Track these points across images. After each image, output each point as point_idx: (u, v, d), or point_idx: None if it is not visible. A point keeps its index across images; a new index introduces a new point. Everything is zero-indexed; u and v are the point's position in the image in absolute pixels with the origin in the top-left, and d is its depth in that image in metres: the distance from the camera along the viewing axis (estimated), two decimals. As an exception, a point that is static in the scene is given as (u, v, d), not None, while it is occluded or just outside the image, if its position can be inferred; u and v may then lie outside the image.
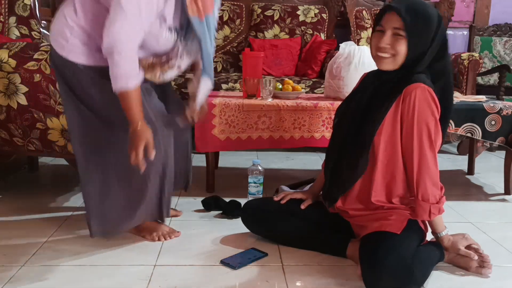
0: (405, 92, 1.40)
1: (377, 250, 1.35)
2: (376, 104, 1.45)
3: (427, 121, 1.40)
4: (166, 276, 1.44)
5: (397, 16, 1.36)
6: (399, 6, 1.36)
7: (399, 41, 1.38)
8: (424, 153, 1.41)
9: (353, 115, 1.52)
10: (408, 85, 1.40)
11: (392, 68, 1.43)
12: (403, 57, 1.40)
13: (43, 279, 1.40)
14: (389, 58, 1.41)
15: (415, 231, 1.47)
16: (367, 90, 1.52)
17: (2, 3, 2.30)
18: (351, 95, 1.61)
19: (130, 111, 1.42)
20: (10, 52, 1.84)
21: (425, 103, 1.39)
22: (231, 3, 3.63)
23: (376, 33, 1.43)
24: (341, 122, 1.57)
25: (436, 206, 1.43)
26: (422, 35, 1.38)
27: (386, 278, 1.31)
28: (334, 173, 1.56)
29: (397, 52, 1.39)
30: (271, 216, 1.66)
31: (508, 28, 4.03)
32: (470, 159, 2.80)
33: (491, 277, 1.49)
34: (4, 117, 1.91)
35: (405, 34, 1.37)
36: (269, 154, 3.08)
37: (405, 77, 1.43)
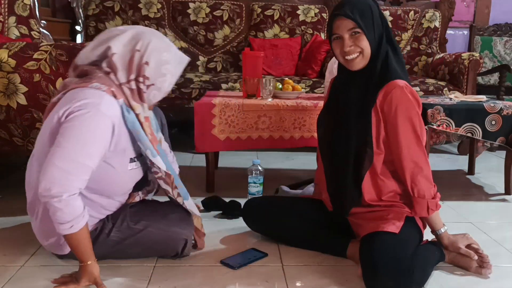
0: (384, 92, 1.44)
1: (377, 251, 1.35)
2: (361, 112, 1.47)
3: (410, 118, 1.43)
4: (166, 276, 1.44)
5: (346, 19, 1.42)
6: (344, 10, 1.43)
7: (359, 38, 1.43)
8: (415, 150, 1.44)
9: (338, 124, 1.53)
10: (385, 84, 1.44)
11: (364, 65, 1.47)
12: (369, 51, 1.45)
13: (43, 279, 1.40)
14: (358, 57, 1.45)
15: (413, 230, 1.47)
16: (347, 95, 1.52)
17: (2, 2, 2.30)
18: (331, 103, 1.61)
19: (77, 250, 1.29)
20: (10, 52, 1.84)
21: (405, 100, 1.42)
22: (231, 3, 3.63)
23: (335, 41, 1.48)
24: (328, 132, 1.58)
25: (433, 201, 1.46)
26: (373, 24, 1.45)
27: (386, 279, 1.31)
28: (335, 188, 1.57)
29: (362, 48, 1.44)
30: (272, 214, 1.67)
31: (508, 28, 4.03)
32: (470, 159, 2.80)
33: (491, 277, 1.49)
34: (4, 117, 1.91)
35: (361, 30, 1.42)
36: (269, 154, 3.08)
37: (380, 74, 1.46)
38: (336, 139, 1.53)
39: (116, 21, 3.49)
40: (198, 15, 3.57)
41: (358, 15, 1.41)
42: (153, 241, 1.46)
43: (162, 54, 1.34)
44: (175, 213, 1.51)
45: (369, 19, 1.43)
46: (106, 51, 1.32)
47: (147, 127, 1.37)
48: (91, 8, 3.49)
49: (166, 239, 1.47)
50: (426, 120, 2.17)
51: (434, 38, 3.77)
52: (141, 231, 1.44)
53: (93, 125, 1.24)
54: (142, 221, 1.45)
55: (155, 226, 1.46)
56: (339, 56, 1.48)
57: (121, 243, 1.44)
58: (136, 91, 1.35)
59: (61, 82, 1.38)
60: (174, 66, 1.38)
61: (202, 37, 3.58)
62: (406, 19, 3.74)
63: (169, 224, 1.47)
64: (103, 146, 1.27)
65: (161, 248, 1.49)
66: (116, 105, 1.30)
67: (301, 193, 1.93)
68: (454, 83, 3.26)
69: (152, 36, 1.35)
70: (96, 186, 1.34)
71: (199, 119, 2.11)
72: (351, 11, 1.42)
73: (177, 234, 1.47)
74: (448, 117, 2.18)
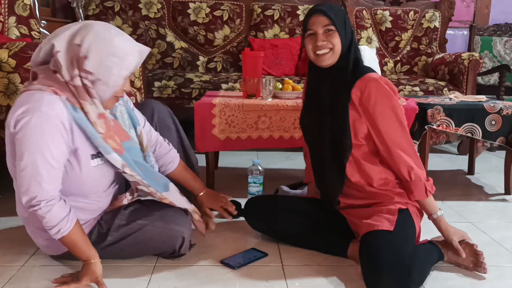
0: (360, 86, 1.48)
1: (376, 251, 1.35)
2: (337, 107, 1.52)
3: (392, 107, 1.48)
4: (166, 276, 1.44)
5: (323, 16, 1.49)
6: (322, 8, 1.51)
7: (332, 35, 1.50)
8: (400, 139, 1.49)
9: (317, 121, 1.58)
10: (358, 78, 1.49)
11: (333, 62, 1.52)
12: (340, 48, 1.50)
13: (43, 279, 1.40)
14: (328, 53, 1.50)
15: (409, 227, 1.48)
16: (320, 94, 1.57)
17: (2, 2, 2.30)
18: (307, 102, 1.66)
19: (75, 251, 1.31)
20: (10, 52, 1.84)
21: (383, 91, 1.48)
22: (231, 3, 3.63)
23: (308, 38, 1.53)
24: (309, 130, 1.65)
25: (428, 183, 1.50)
26: (345, 26, 1.52)
27: (386, 278, 1.31)
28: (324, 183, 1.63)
29: (334, 45, 1.50)
30: (274, 213, 1.67)
31: (508, 28, 4.03)
32: (470, 159, 2.80)
33: (491, 277, 1.49)
34: (4, 117, 1.91)
35: (335, 28, 1.49)
36: (269, 154, 3.08)
37: (352, 71, 1.52)
38: (317, 135, 1.59)
39: (116, 21, 3.49)
40: (198, 15, 3.57)
41: (333, 14, 1.49)
42: (151, 239, 1.45)
43: (104, 46, 1.24)
44: (171, 211, 1.50)
45: (342, 21, 1.52)
46: (51, 49, 1.26)
47: (101, 124, 1.31)
48: (91, 8, 3.49)
49: (163, 236, 1.46)
50: (426, 120, 2.17)
51: (434, 38, 3.77)
52: (138, 230, 1.44)
53: (40, 130, 1.21)
54: (138, 220, 1.45)
55: (152, 224, 1.45)
56: (310, 52, 1.53)
57: (117, 243, 1.44)
58: (83, 88, 1.27)
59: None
60: (121, 59, 1.26)
61: (202, 37, 3.58)
62: (406, 19, 3.74)
63: (166, 221, 1.46)
64: (59, 146, 1.25)
65: (158, 246, 1.48)
66: (60, 103, 1.25)
67: (301, 193, 1.93)
68: (454, 83, 3.27)
69: (94, 28, 1.26)
70: (65, 188, 1.33)
71: (199, 119, 2.11)
72: (327, 9, 1.50)
73: (174, 231, 1.46)
74: (448, 117, 2.18)
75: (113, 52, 1.25)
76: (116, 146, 1.35)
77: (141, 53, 1.32)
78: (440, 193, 2.36)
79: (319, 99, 1.58)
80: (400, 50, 3.77)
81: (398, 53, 3.77)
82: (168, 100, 2.96)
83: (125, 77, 1.30)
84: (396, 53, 3.77)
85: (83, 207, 1.40)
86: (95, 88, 1.28)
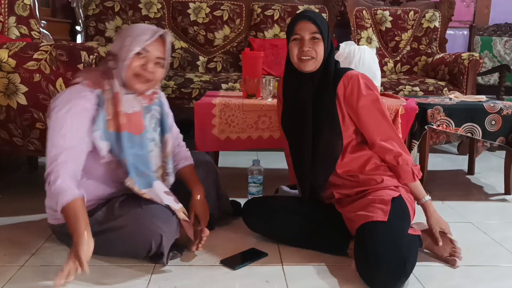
0: (343, 84, 1.57)
1: (371, 243, 1.38)
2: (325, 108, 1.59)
3: (374, 99, 1.57)
4: (166, 276, 1.44)
5: (311, 23, 1.55)
6: (310, 14, 1.57)
7: (317, 43, 1.56)
8: (385, 127, 1.59)
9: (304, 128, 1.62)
10: (339, 76, 1.58)
11: (315, 68, 1.58)
12: (322, 57, 1.57)
13: (43, 279, 1.40)
14: (311, 60, 1.56)
15: (403, 215, 1.51)
16: (306, 98, 1.62)
17: (2, 2, 2.30)
18: (289, 109, 1.69)
19: (69, 226, 1.33)
20: (10, 52, 1.84)
21: (364, 85, 1.57)
22: (231, 3, 3.63)
23: (293, 42, 1.58)
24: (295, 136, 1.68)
25: (416, 167, 1.59)
26: (328, 36, 1.59)
27: (382, 270, 1.33)
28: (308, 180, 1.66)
29: (317, 53, 1.56)
30: (273, 213, 1.67)
31: (508, 28, 4.04)
32: (470, 159, 2.80)
33: (491, 277, 1.49)
34: (4, 117, 1.91)
35: (321, 37, 1.56)
36: (269, 154, 3.08)
37: (333, 73, 1.60)
38: (301, 138, 1.64)
39: (116, 21, 3.49)
40: (198, 15, 3.57)
41: (320, 22, 1.56)
42: (128, 230, 1.44)
43: (125, 31, 1.48)
44: (157, 208, 1.48)
45: (327, 30, 1.58)
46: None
47: (111, 105, 1.44)
48: (91, 8, 3.49)
49: (141, 229, 1.43)
50: (426, 120, 2.17)
51: (434, 38, 3.77)
52: (120, 217, 1.45)
53: (68, 115, 1.39)
54: (124, 208, 1.47)
55: (133, 214, 1.45)
56: (295, 57, 1.58)
57: (101, 225, 1.45)
58: (107, 71, 1.46)
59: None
60: (134, 37, 1.43)
61: (202, 37, 3.58)
62: (406, 19, 3.74)
63: (147, 214, 1.44)
64: (80, 130, 1.40)
65: (135, 239, 1.44)
66: (90, 95, 1.42)
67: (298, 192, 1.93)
68: (454, 83, 3.26)
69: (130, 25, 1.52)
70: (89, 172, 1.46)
71: (199, 119, 2.11)
72: (315, 17, 1.57)
73: (153, 225, 1.42)
74: (448, 117, 2.18)
75: (130, 34, 1.45)
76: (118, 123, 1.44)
77: (154, 32, 1.46)
78: (440, 193, 2.36)
79: (301, 103, 1.62)
80: (400, 50, 3.77)
81: (398, 53, 3.77)
82: (168, 100, 2.94)
83: (135, 51, 1.42)
84: (396, 53, 3.77)
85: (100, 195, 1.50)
86: (118, 67, 1.44)
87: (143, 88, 1.49)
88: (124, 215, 1.45)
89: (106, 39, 3.46)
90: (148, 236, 1.43)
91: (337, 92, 1.58)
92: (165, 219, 1.47)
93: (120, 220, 1.45)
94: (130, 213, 1.45)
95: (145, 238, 1.44)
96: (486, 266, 1.57)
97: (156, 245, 1.44)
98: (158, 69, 1.49)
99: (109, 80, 1.45)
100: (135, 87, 1.47)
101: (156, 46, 1.46)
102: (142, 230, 1.43)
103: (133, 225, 1.44)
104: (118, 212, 1.46)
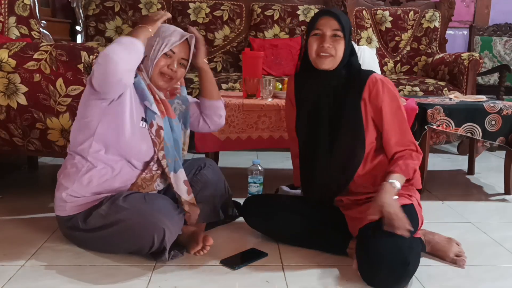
0: (369, 86, 1.53)
1: (374, 242, 1.37)
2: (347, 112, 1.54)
3: (397, 101, 1.55)
4: (166, 276, 1.44)
5: (334, 20, 1.51)
6: (332, 12, 1.53)
7: (338, 41, 1.52)
8: (405, 126, 1.56)
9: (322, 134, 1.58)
10: (364, 79, 1.54)
11: (333, 66, 1.54)
12: (341, 56, 1.53)
13: (43, 279, 1.40)
14: (330, 57, 1.52)
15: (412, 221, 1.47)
16: (323, 102, 1.58)
17: (2, 3, 2.30)
18: (303, 110, 1.64)
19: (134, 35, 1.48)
20: (10, 52, 1.84)
21: (389, 87, 1.54)
22: (231, 3, 3.63)
23: (314, 37, 1.54)
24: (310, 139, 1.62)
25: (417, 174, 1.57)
26: (350, 35, 1.55)
27: (384, 270, 1.32)
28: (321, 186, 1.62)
29: (336, 51, 1.52)
30: (273, 212, 1.67)
31: (508, 28, 4.04)
32: (470, 159, 2.80)
33: (491, 277, 1.49)
34: (4, 117, 1.91)
35: (343, 35, 1.51)
36: (269, 154, 3.08)
37: (354, 74, 1.56)
38: (317, 142, 1.59)
39: (116, 21, 3.49)
40: (198, 15, 3.57)
41: (344, 21, 1.52)
42: (131, 224, 1.44)
43: (155, 34, 1.54)
44: (162, 203, 1.50)
45: (349, 29, 1.55)
46: None
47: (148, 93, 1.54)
48: (91, 8, 3.49)
49: (144, 223, 1.43)
50: (426, 120, 2.17)
51: (434, 38, 3.77)
52: (123, 210, 1.45)
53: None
54: (128, 201, 1.47)
55: (136, 208, 1.45)
56: (313, 52, 1.54)
57: (105, 218, 1.46)
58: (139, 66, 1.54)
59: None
60: (163, 38, 1.54)
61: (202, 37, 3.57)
62: (406, 19, 3.74)
63: (150, 208, 1.46)
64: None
65: (138, 233, 1.45)
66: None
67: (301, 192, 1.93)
68: (454, 83, 3.27)
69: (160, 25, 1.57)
70: (113, 145, 1.50)
71: (199, 119, 2.11)
72: (339, 14, 1.53)
73: (156, 219, 1.43)
74: (448, 117, 2.18)
75: (158, 34, 1.54)
76: (161, 110, 1.56)
77: (182, 35, 1.57)
78: (440, 193, 2.36)
79: (318, 106, 1.58)
80: (400, 50, 3.77)
81: (398, 53, 3.77)
82: (168, 100, 2.95)
83: (163, 52, 1.53)
84: (396, 53, 3.77)
85: (119, 172, 1.53)
86: (144, 63, 1.55)
87: (165, 85, 1.60)
88: (127, 209, 1.45)
89: (106, 39, 3.47)
90: (151, 230, 1.44)
91: (363, 96, 1.53)
92: (168, 214, 1.48)
93: (124, 213, 1.45)
94: (133, 207, 1.46)
95: (148, 232, 1.44)
96: (486, 266, 1.56)
97: (158, 240, 1.44)
98: (181, 69, 1.61)
99: (139, 71, 1.55)
100: (159, 84, 1.58)
101: (182, 48, 1.59)
102: (145, 224, 1.44)
103: (136, 218, 1.44)
104: (122, 206, 1.46)
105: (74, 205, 1.52)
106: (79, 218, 1.51)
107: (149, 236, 1.44)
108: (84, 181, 1.51)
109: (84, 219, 1.50)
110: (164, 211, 1.47)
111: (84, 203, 1.52)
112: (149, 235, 1.44)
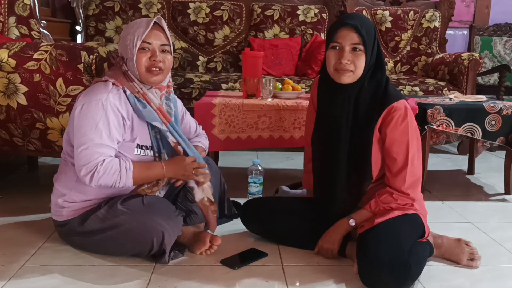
0: (389, 111, 1.45)
1: (372, 245, 1.36)
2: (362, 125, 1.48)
3: (417, 135, 1.48)
4: (166, 276, 1.44)
5: (354, 32, 1.40)
6: (355, 22, 1.40)
7: (358, 56, 1.42)
8: (414, 162, 1.47)
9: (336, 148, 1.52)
10: (387, 103, 1.45)
11: (351, 81, 1.45)
12: (361, 72, 1.44)
13: (43, 279, 1.40)
14: (349, 72, 1.43)
15: (415, 227, 1.48)
16: (340, 117, 1.50)
17: (2, 2, 2.30)
18: (320, 122, 1.59)
19: (148, 179, 1.51)
20: (10, 52, 1.84)
21: (410, 121, 1.45)
22: (231, 3, 3.63)
23: (333, 50, 1.45)
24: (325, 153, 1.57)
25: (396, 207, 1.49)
26: (373, 47, 1.44)
27: (384, 274, 1.32)
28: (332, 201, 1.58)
29: (356, 67, 1.42)
30: (271, 215, 1.67)
31: (508, 28, 4.04)
32: (470, 159, 2.80)
33: (491, 277, 1.49)
34: (4, 117, 1.91)
35: (364, 49, 1.41)
36: (269, 154, 3.08)
37: (377, 91, 1.47)
38: (331, 156, 1.54)
39: (116, 21, 3.49)
40: (198, 15, 3.57)
41: (365, 31, 1.40)
42: (129, 228, 1.44)
43: (123, 32, 1.50)
44: (161, 205, 1.49)
45: (372, 40, 1.43)
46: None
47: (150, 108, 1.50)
48: (91, 8, 3.49)
49: (142, 226, 1.43)
50: (426, 120, 2.17)
51: (434, 38, 3.77)
52: (121, 214, 1.44)
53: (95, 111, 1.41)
54: (127, 205, 1.46)
55: (134, 211, 1.45)
56: (331, 67, 1.46)
57: (103, 222, 1.46)
58: (125, 73, 1.49)
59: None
60: (132, 34, 1.46)
61: (202, 37, 3.58)
62: (406, 19, 3.74)
63: (148, 211, 1.45)
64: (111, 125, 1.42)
65: (137, 237, 1.44)
66: (115, 92, 1.45)
67: (301, 193, 1.93)
68: (454, 83, 3.27)
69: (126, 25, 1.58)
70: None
71: (199, 119, 2.10)
72: (361, 25, 1.39)
73: (154, 222, 1.43)
74: (448, 117, 2.18)
75: (127, 32, 1.47)
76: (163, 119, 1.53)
77: (148, 22, 1.47)
78: (440, 193, 2.36)
79: (335, 121, 1.51)
80: (400, 50, 3.77)
81: (398, 53, 3.77)
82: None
83: (137, 47, 1.45)
84: (396, 53, 3.77)
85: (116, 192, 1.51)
86: (129, 68, 1.48)
87: (158, 79, 1.51)
88: (126, 213, 1.45)
89: (106, 39, 3.47)
90: (150, 233, 1.43)
91: (379, 121, 1.46)
92: (167, 217, 1.47)
93: (122, 217, 1.45)
94: (131, 211, 1.45)
95: (147, 235, 1.44)
96: (486, 266, 1.56)
97: (158, 243, 1.44)
98: (166, 56, 1.50)
99: (130, 83, 1.48)
100: (151, 81, 1.49)
101: (155, 34, 1.47)
102: (144, 228, 1.44)
103: (134, 222, 1.44)
104: (120, 210, 1.45)
105: (71, 210, 1.52)
106: (76, 221, 1.51)
107: (148, 240, 1.44)
108: (80, 188, 1.49)
109: (81, 222, 1.50)
110: (163, 214, 1.47)
111: (82, 208, 1.51)
112: (148, 239, 1.44)
